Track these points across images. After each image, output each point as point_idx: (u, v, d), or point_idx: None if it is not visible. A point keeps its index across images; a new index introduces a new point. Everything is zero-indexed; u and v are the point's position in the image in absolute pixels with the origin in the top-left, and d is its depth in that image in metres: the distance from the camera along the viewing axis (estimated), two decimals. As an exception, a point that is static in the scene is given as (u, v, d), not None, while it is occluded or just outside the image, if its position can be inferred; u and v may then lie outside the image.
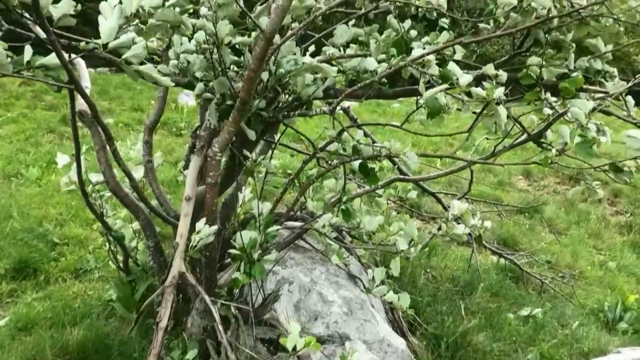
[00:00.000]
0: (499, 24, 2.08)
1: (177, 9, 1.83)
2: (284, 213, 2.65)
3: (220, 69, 2.02)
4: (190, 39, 2.19)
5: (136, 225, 2.94)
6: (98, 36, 1.69)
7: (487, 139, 3.86)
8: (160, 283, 2.38)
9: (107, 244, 3.04)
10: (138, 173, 2.80)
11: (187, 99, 8.39)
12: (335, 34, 2.24)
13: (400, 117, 11.12)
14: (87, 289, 3.40)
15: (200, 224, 2.03)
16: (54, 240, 3.90)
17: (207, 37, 1.98)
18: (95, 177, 2.79)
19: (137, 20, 1.73)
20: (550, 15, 1.86)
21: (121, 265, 3.05)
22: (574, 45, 2.18)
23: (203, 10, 1.99)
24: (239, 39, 1.94)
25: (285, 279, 2.84)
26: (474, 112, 2.01)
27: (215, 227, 2.07)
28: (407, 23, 2.30)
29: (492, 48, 13.61)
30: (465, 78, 1.74)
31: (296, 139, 6.71)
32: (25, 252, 3.63)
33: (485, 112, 1.78)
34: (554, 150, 1.85)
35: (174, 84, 1.96)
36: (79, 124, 2.29)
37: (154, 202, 2.66)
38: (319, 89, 2.15)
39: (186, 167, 3.16)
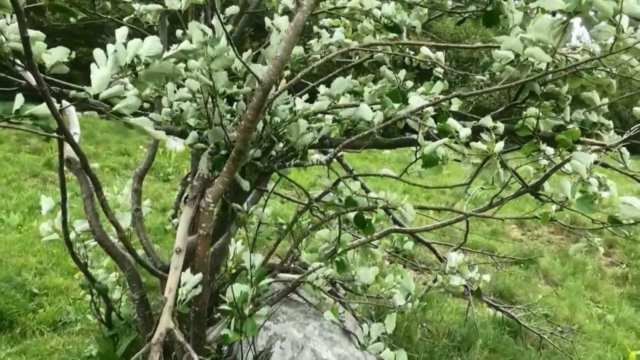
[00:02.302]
0: (494, 76, 2.11)
1: (174, 60, 1.84)
2: (277, 265, 2.61)
3: (214, 118, 2.02)
4: (179, 87, 2.20)
5: (120, 275, 2.88)
6: (88, 80, 1.68)
7: (482, 188, 3.88)
8: (147, 340, 2.31)
9: (89, 295, 2.96)
10: (125, 221, 2.76)
11: (176, 143, 8.42)
12: (332, 85, 2.27)
13: (391, 163, 11.20)
14: (65, 343, 3.28)
15: (188, 276, 1.99)
16: (33, 291, 3.79)
17: (201, 88, 1.99)
18: (80, 225, 2.74)
19: (131, 71, 1.73)
20: (548, 69, 1.89)
21: (103, 318, 2.96)
22: (569, 97, 2.22)
23: (193, 63, 2.00)
24: (234, 89, 1.95)
25: (278, 334, 2.76)
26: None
27: (204, 279, 2.02)
28: (402, 73, 2.34)
29: (487, 100, 13.94)
30: (464, 131, 1.75)
31: (286, 185, 6.71)
32: (1, 303, 3.52)
33: (484, 164, 1.79)
34: (553, 207, 1.85)
35: (166, 137, 1.95)
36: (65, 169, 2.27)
37: (140, 252, 2.61)
38: (315, 139, 2.15)
39: (175, 215, 3.13)
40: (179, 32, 2.33)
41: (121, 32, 1.65)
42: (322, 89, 2.30)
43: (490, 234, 6.58)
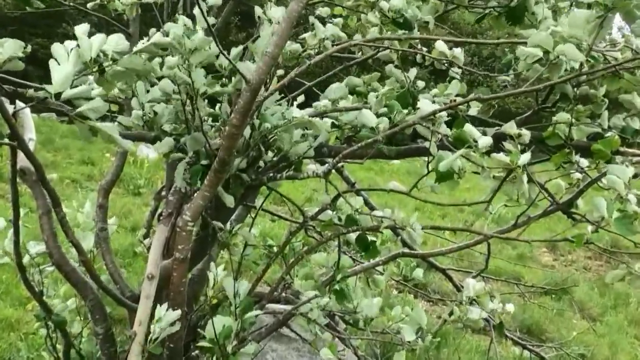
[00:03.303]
0: (520, 76, 2.14)
1: (145, 55, 1.86)
2: (266, 294, 2.62)
3: (194, 123, 2.04)
4: (153, 85, 2.22)
5: (81, 305, 2.88)
6: (45, 77, 1.69)
7: (506, 205, 3.90)
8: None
9: (44, 329, 2.95)
10: (88, 242, 2.76)
11: (148, 151, 8.45)
12: (327, 91, 2.30)
13: (401, 175, 11.24)
14: (16, 386, 3.27)
15: (163, 310, 1.99)
16: (-22, 324, 3.79)
17: (179, 87, 2.00)
18: (35, 246, 2.75)
19: (97, 67, 1.75)
20: (582, 69, 1.92)
21: (60, 356, 2.95)
22: (607, 101, 2.25)
23: (171, 60, 2.02)
24: (217, 88, 1.98)
25: (264, 376, 2.76)
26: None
27: (180, 313, 2.03)
28: (413, 72, 2.37)
29: (512, 104, 14.03)
30: (484, 140, 1.77)
31: (278, 200, 6.72)
32: (-60, 338, 3.52)
33: (507, 178, 1.81)
34: (589, 228, 1.87)
35: (132, 147, 1.97)
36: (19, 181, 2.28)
37: (105, 278, 2.61)
38: (310, 148, 2.17)
39: (147, 235, 3.14)
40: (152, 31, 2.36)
41: (82, 29, 1.67)
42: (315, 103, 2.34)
43: (516, 258, 6.60)
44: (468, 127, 1.84)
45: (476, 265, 5.48)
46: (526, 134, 1.94)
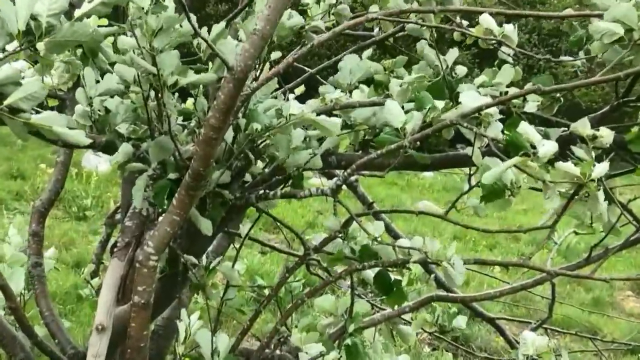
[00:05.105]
0: (594, 60, 2.15)
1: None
2: (254, 351, 2.62)
3: (159, 123, 2.05)
4: (104, 74, 2.23)
5: None
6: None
7: (575, 233, 3.91)
8: None
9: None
10: (17, 283, 2.78)
11: (97, 161, 8.48)
12: (340, 68, 2.30)
13: (434, 192, 11.25)
14: None
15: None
16: None
17: (139, 76, 2.01)
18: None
19: (26, 41, 1.76)
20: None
21: None
22: None
23: (125, 40, 2.03)
24: (190, 77, 1.99)
25: None
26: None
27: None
28: (452, 54, 2.37)
29: (583, 97, 14.06)
30: (547, 146, 1.77)
31: (270, 226, 6.75)
32: None
33: (577, 196, 1.81)
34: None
35: (88, 144, 1.98)
36: None
37: (41, 331, 2.62)
38: (314, 156, 2.18)
39: (95, 273, 3.15)
40: None
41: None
42: (321, 89, 2.33)
43: (591, 304, 6.58)
44: (525, 128, 1.84)
45: (536, 313, 5.47)
46: (605, 136, 1.94)
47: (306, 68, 2.97)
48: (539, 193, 1.95)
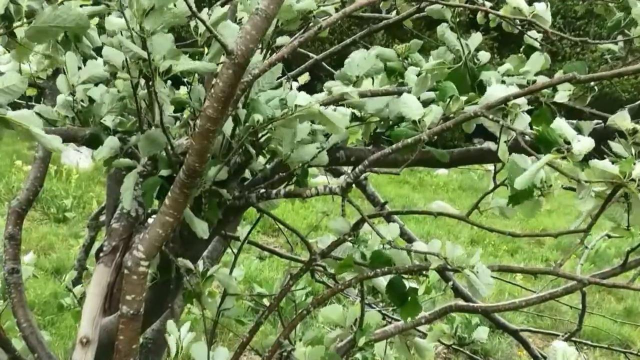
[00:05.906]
0: (632, 46, 2.16)
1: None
2: (253, 368, 2.63)
3: (149, 114, 2.06)
4: (86, 60, 2.23)
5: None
6: None
7: (608, 236, 3.94)
8: None
9: None
10: (-9, 292, 2.80)
11: (77, 157, 8.47)
12: (347, 63, 2.31)
13: (450, 192, 11.24)
14: None
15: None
16: None
17: (128, 61, 2.02)
18: None
19: (4, 26, 1.78)
20: None
21: None
22: None
23: (113, 21, 2.03)
24: (185, 63, 2.00)
25: None
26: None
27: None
28: (474, 38, 2.37)
29: (620, 86, 14.07)
30: (583, 143, 1.78)
31: (271, 229, 6.76)
32: None
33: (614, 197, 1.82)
34: None
35: (63, 146, 1.98)
36: None
37: (19, 345, 2.64)
38: (321, 150, 2.19)
39: (78, 280, 3.16)
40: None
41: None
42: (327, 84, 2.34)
43: (624, 315, 6.58)
44: (558, 122, 1.84)
45: (564, 325, 5.49)
46: (646, 130, 1.94)
47: (310, 54, 2.97)
48: (563, 192, 1.95)
